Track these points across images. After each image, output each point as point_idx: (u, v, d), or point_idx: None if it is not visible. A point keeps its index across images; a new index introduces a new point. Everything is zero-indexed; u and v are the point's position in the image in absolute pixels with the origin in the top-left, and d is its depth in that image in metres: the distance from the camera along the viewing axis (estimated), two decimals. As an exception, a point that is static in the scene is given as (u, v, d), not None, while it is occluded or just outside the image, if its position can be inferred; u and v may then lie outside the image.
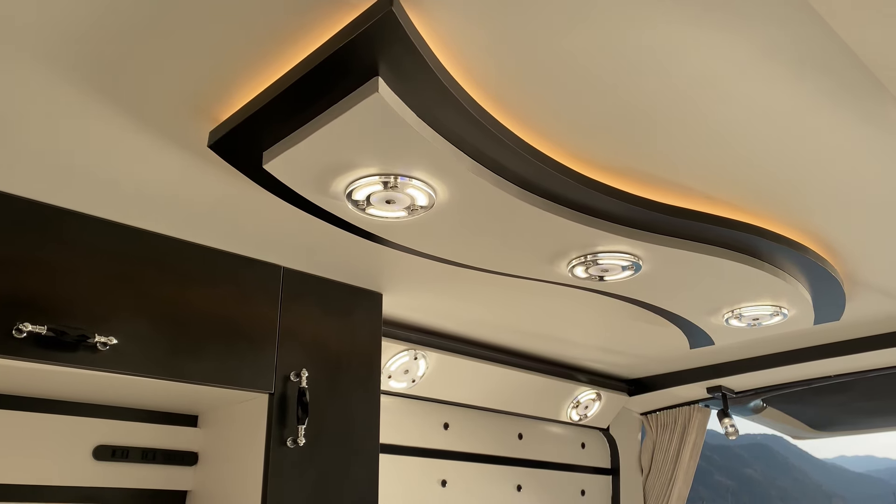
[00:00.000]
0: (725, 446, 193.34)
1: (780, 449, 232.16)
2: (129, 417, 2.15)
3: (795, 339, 2.94)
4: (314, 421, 2.06)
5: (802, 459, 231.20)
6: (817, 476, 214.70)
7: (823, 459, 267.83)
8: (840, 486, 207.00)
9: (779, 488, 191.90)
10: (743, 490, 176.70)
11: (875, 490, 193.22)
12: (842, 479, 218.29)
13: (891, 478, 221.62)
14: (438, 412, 3.11)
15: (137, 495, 2.10)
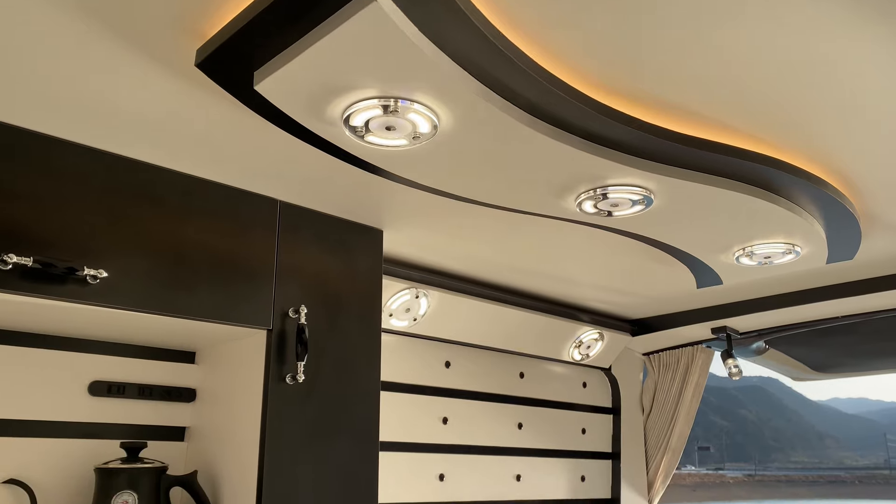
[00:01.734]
0: (721, 388, 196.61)
1: (774, 391, 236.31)
2: (125, 353, 2.11)
3: (805, 278, 2.88)
4: (313, 358, 2.02)
5: (797, 401, 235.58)
6: (811, 417, 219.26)
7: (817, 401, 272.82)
8: (832, 426, 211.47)
9: (772, 429, 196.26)
10: (737, 430, 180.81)
11: (866, 431, 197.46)
12: (834, 421, 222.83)
13: (882, 419, 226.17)
14: (440, 351, 3.08)
15: (134, 431, 2.08)
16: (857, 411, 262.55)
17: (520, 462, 3.33)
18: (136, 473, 1.85)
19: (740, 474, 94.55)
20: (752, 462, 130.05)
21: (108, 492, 1.81)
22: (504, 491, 3.22)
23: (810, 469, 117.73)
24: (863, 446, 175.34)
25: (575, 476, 3.57)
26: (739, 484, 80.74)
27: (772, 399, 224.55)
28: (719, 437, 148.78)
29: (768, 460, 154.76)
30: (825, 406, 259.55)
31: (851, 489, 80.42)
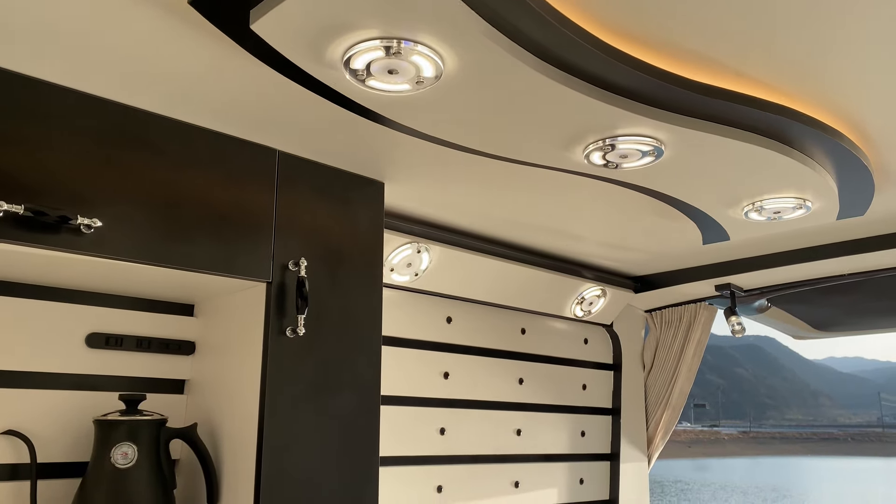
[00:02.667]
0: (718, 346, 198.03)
1: (771, 350, 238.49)
2: (122, 305, 2.08)
3: (813, 235, 2.84)
4: (314, 311, 1.99)
5: (792, 360, 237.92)
6: (806, 376, 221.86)
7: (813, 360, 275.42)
8: (827, 385, 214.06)
9: (767, 386, 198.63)
10: (733, 388, 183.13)
11: (861, 389, 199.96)
12: (829, 379, 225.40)
13: (877, 378, 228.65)
14: (441, 306, 3.05)
15: (133, 383, 2.06)
16: (852, 370, 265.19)
17: (520, 417, 3.33)
18: (136, 425, 1.84)
19: (735, 431, 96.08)
20: (747, 419, 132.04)
21: (107, 443, 1.80)
22: (504, 445, 3.24)
23: (804, 426, 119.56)
24: (856, 404, 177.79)
25: (575, 431, 3.59)
26: (734, 440, 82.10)
27: (768, 358, 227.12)
28: (715, 394, 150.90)
29: (763, 417, 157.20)
30: (820, 365, 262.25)
31: (844, 446, 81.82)
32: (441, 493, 2.93)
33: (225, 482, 1.92)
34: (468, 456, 3.09)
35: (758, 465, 53.61)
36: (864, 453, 71.54)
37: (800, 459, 62.39)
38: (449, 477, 2.98)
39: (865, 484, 37.74)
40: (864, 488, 34.94)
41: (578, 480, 3.57)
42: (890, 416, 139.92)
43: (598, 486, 3.68)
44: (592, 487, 3.64)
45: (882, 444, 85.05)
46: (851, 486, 36.26)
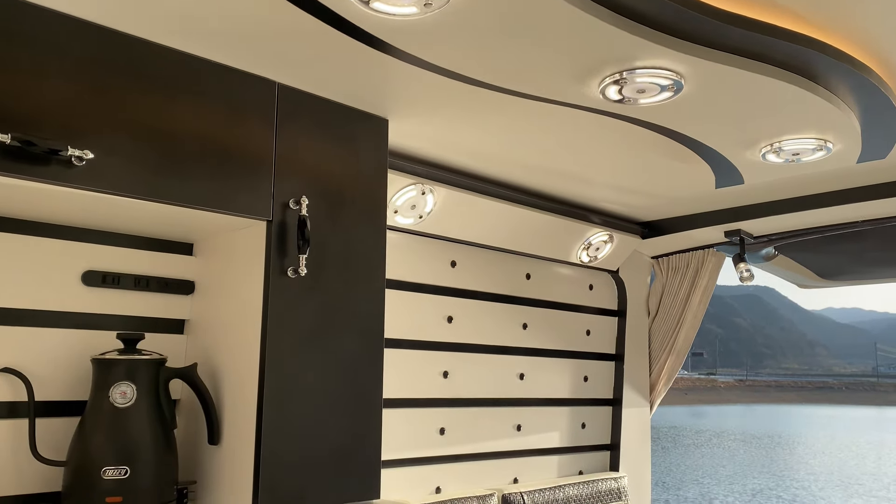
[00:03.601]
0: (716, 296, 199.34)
1: (770, 300, 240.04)
2: (119, 243, 2.02)
3: (829, 180, 2.76)
4: (316, 251, 1.93)
5: (791, 310, 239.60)
6: (803, 326, 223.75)
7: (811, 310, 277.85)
8: (824, 336, 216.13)
9: (765, 336, 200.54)
10: (731, 337, 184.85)
11: (857, 340, 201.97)
12: (827, 330, 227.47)
13: (874, 329, 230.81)
14: (446, 250, 3.00)
15: (131, 323, 2.01)
16: (849, 321, 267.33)
17: (523, 361, 3.31)
18: (134, 365, 1.80)
19: (731, 379, 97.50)
20: (744, 368, 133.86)
21: (105, 382, 1.77)
22: (507, 389, 3.23)
23: (800, 375, 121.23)
24: (852, 354, 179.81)
25: (578, 376, 3.58)
26: (730, 388, 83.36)
27: (766, 308, 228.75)
28: (713, 343, 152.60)
29: (759, 366, 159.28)
30: (818, 315, 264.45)
31: (839, 395, 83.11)
32: (443, 435, 2.93)
33: (226, 423, 1.89)
34: (471, 399, 3.08)
35: (753, 413, 54.55)
36: (858, 402, 72.68)
37: (794, 407, 63.41)
38: (451, 419, 2.97)
39: (857, 431, 38.46)
40: (855, 435, 35.63)
41: (580, 425, 3.58)
42: (885, 366, 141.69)
43: (599, 430, 3.69)
44: (594, 432, 3.65)
45: (876, 393, 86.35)
46: (843, 433, 36.95)
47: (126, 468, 1.70)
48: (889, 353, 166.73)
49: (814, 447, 28.83)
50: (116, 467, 1.69)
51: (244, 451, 1.80)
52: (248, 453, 1.79)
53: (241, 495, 1.79)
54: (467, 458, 3.04)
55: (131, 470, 1.70)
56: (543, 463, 3.38)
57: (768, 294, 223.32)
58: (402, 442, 2.78)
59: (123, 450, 1.72)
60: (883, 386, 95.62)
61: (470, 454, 3.05)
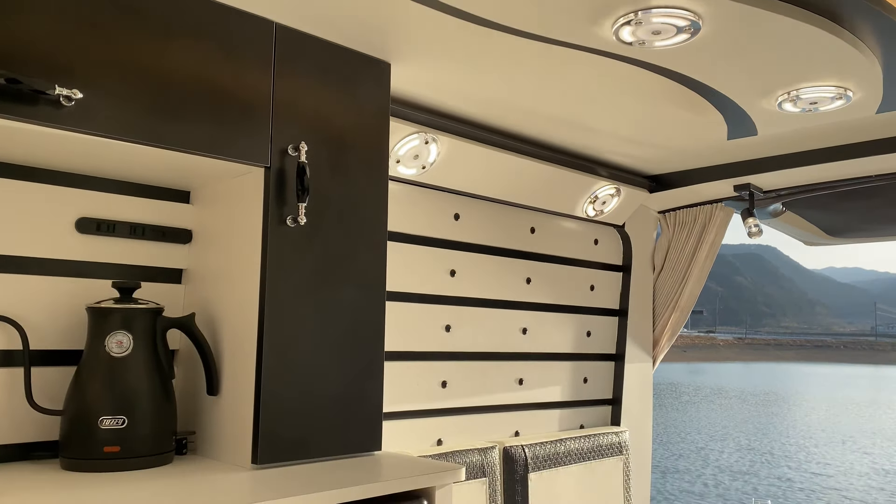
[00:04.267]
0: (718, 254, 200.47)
1: (771, 258, 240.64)
2: (114, 190, 1.96)
3: (845, 131, 2.68)
4: (315, 200, 1.87)
5: (792, 269, 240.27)
6: (804, 285, 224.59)
7: (812, 270, 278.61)
8: (824, 294, 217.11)
9: (766, 295, 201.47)
10: (731, 296, 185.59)
11: (857, 299, 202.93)
12: (827, 289, 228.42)
13: (874, 288, 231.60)
14: (449, 202, 2.94)
15: (127, 272, 1.97)
16: (850, 280, 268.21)
17: (526, 316, 3.28)
18: (130, 314, 1.76)
19: (730, 337, 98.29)
20: (743, 326, 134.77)
21: (101, 332, 1.73)
22: (509, 343, 3.20)
23: (798, 334, 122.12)
24: (852, 314, 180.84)
25: (581, 331, 3.55)
26: (729, 346, 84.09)
27: (767, 267, 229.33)
28: (713, 301, 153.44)
29: (759, 325, 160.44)
30: (819, 275, 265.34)
31: (837, 353, 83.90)
32: (445, 388, 2.91)
33: (225, 374, 1.86)
34: (473, 353, 3.06)
35: (750, 370, 55.11)
36: (856, 360, 73.38)
37: (792, 365, 64.02)
38: (453, 373, 2.95)
39: (853, 389, 38.90)
40: (851, 392, 36.05)
41: (582, 379, 3.56)
42: (884, 325, 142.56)
43: (601, 385, 3.68)
44: (596, 386, 3.64)
45: (874, 351, 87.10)
46: (839, 390, 37.38)
47: (123, 418, 1.67)
48: (888, 312, 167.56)
49: (809, 404, 29.16)
50: (113, 417, 1.66)
51: (244, 402, 1.77)
52: (247, 404, 1.76)
53: (240, 445, 1.76)
54: (469, 411, 3.04)
55: (129, 419, 1.67)
56: (545, 417, 3.37)
57: (770, 253, 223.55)
58: (404, 395, 2.77)
59: (120, 399, 1.69)
60: (881, 345, 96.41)
61: (471, 407, 3.05)
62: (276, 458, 1.75)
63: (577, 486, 3.22)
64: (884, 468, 15.17)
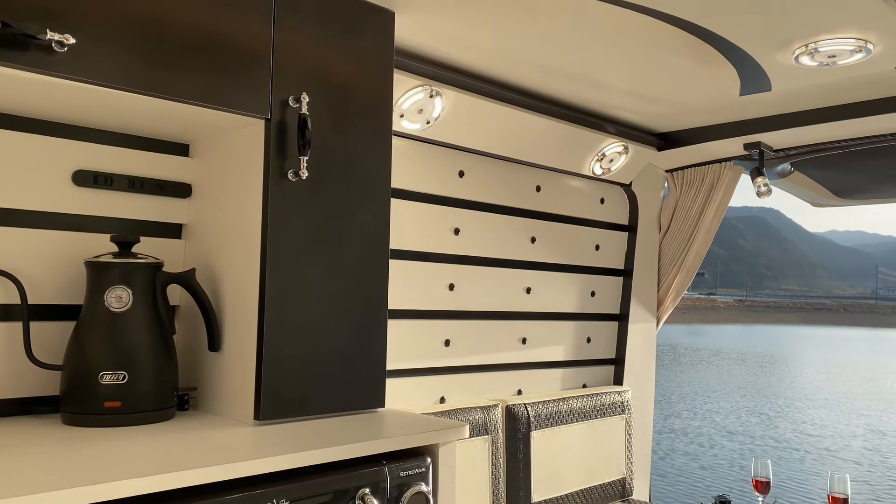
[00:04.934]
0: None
1: (773, 221, 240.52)
2: (111, 142, 1.91)
3: (861, 88, 2.60)
4: (317, 154, 1.82)
5: (794, 232, 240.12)
6: (806, 248, 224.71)
7: (814, 233, 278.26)
8: (826, 258, 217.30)
9: (767, 258, 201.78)
10: (733, 258, 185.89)
11: (859, 262, 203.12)
12: (829, 252, 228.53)
13: (876, 252, 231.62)
14: (453, 158, 2.88)
15: (126, 226, 1.93)
16: (852, 244, 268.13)
17: (531, 275, 3.25)
18: (129, 268, 1.73)
19: (731, 299, 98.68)
20: (744, 288, 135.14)
21: (100, 286, 1.70)
22: (513, 303, 3.18)
23: (799, 296, 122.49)
24: (853, 277, 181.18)
25: (585, 291, 3.53)
26: (729, 308, 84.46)
27: (770, 229, 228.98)
28: (715, 264, 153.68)
29: (759, 287, 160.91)
30: (821, 238, 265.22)
31: (836, 316, 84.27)
32: (449, 346, 2.90)
33: (226, 330, 1.83)
34: (477, 312, 3.04)
35: (750, 332, 55.43)
36: (855, 323, 73.73)
37: (791, 328, 64.36)
38: (457, 332, 2.94)
39: (851, 351, 39.16)
40: (848, 354, 36.30)
41: (586, 339, 3.55)
42: (884, 288, 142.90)
43: (604, 345, 3.67)
44: (599, 346, 3.64)
45: (873, 314, 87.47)
46: (838, 352, 37.63)
47: (124, 373, 1.65)
48: (889, 276, 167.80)
49: (807, 366, 29.37)
50: (114, 372, 1.64)
51: (245, 358, 1.75)
52: (249, 360, 1.74)
53: (242, 402, 1.75)
54: (472, 369, 3.03)
55: (129, 375, 1.65)
56: (547, 376, 3.37)
57: (772, 216, 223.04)
58: (407, 353, 2.76)
59: (120, 354, 1.66)
60: (881, 308, 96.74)
61: (475, 366, 3.04)
62: (279, 414, 1.73)
63: (578, 445, 3.23)
64: (878, 430, 15.33)
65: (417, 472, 1.66)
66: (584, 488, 3.23)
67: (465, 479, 2.74)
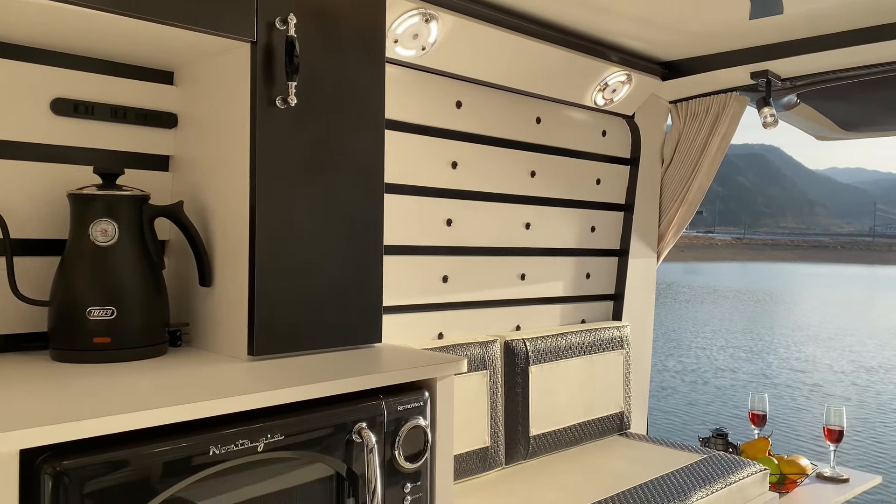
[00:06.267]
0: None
1: (774, 159, 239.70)
2: (91, 68, 1.81)
3: (877, 13, 2.49)
4: (307, 80, 1.73)
5: (794, 170, 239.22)
6: (805, 186, 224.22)
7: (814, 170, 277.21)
8: (825, 195, 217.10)
9: (766, 196, 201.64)
10: (732, 196, 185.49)
11: (857, 200, 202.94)
12: (828, 189, 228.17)
13: (875, 189, 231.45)
14: (450, 88, 2.78)
15: (110, 157, 1.85)
16: (851, 181, 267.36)
17: (530, 210, 3.19)
18: (114, 201, 1.66)
19: (729, 237, 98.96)
20: (742, 226, 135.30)
21: (84, 220, 1.63)
22: (512, 238, 3.13)
23: (796, 234, 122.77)
24: (851, 214, 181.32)
25: (585, 226, 3.47)
26: (727, 246, 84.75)
27: (770, 167, 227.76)
28: (713, 202, 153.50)
29: (757, 225, 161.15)
30: (821, 175, 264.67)
31: (833, 253, 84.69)
32: (446, 283, 2.86)
33: (217, 264, 1.78)
34: (475, 248, 2.99)
35: (747, 270, 55.75)
36: (852, 261, 74.12)
37: (788, 265, 64.72)
38: (455, 267, 2.89)
39: (846, 289, 39.49)
40: (844, 292, 36.63)
41: (585, 275, 3.52)
42: (882, 226, 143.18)
43: (604, 280, 3.64)
44: (598, 282, 3.60)
45: (870, 252, 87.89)
46: (833, 290, 37.95)
47: (112, 308, 1.60)
48: (888, 213, 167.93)
49: (801, 304, 29.64)
50: (102, 307, 1.60)
51: (237, 293, 1.71)
52: (241, 294, 1.69)
53: (235, 337, 1.71)
54: (470, 305, 3.00)
55: (118, 310, 1.61)
56: (546, 311, 3.35)
57: (773, 153, 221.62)
58: (405, 289, 2.72)
59: (108, 289, 1.61)
60: (878, 245, 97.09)
61: (473, 302, 3.01)
62: (273, 349, 1.70)
63: (577, 379, 3.23)
64: (866, 366, 15.55)
65: (415, 406, 1.63)
66: (583, 422, 3.24)
67: (464, 414, 2.74)
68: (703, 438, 3.76)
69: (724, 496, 2.78)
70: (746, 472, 2.94)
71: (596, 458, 3.10)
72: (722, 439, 3.68)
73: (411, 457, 1.61)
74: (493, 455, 2.83)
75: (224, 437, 1.30)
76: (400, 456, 1.59)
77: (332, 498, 1.49)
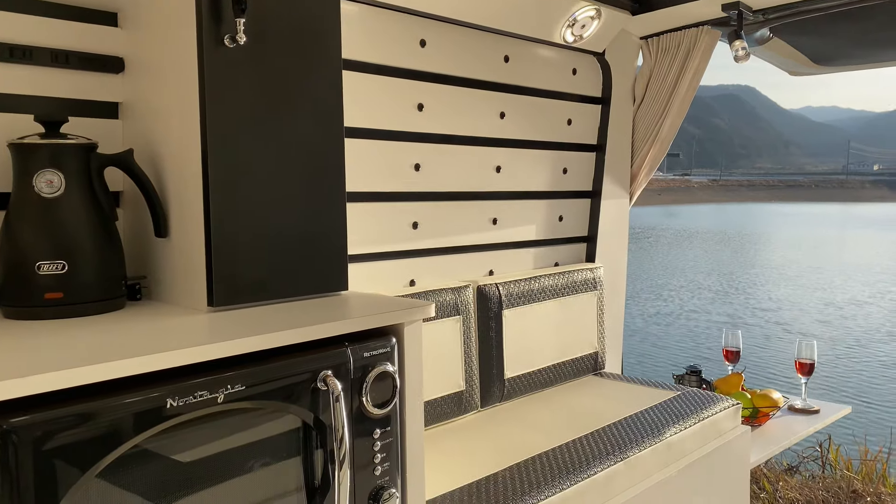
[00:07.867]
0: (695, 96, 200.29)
1: (749, 99, 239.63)
2: (28, 10, 1.71)
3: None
4: (256, 17, 1.64)
5: (769, 110, 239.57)
6: (780, 125, 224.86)
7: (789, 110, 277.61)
8: (800, 135, 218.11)
9: (742, 137, 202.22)
10: (707, 138, 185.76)
11: (831, 138, 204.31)
12: (802, 128, 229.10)
13: (849, 127, 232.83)
14: (414, 26, 2.68)
15: (54, 104, 1.76)
16: (825, 119, 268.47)
17: (500, 153, 3.13)
18: (59, 150, 1.58)
19: (705, 179, 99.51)
20: (718, 168, 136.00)
21: (28, 170, 1.56)
22: (483, 182, 3.08)
23: (772, 174, 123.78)
24: (825, 153, 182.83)
25: (557, 168, 3.42)
26: (703, 188, 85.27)
27: (745, 108, 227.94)
28: (690, 144, 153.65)
29: (734, 167, 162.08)
30: (796, 114, 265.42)
31: (808, 192, 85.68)
32: (416, 229, 2.82)
33: (173, 214, 1.72)
34: (445, 193, 2.94)
35: (722, 211, 56.27)
36: (825, 199, 75.09)
37: (763, 205, 65.43)
38: (424, 214, 2.85)
39: (818, 227, 40.12)
40: (816, 230, 37.22)
41: (557, 217, 3.49)
42: (856, 163, 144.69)
43: (577, 223, 3.61)
44: (571, 224, 3.58)
45: (844, 190, 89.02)
46: (805, 228, 38.54)
47: (62, 262, 1.54)
48: (861, 151, 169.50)
49: (772, 243, 30.06)
50: (52, 262, 1.53)
51: (194, 243, 1.65)
52: (198, 245, 1.64)
53: (195, 288, 1.66)
54: (441, 251, 2.96)
55: (69, 264, 1.54)
56: (519, 256, 3.32)
57: (748, 94, 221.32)
58: (374, 236, 2.67)
59: (57, 243, 1.55)
60: (851, 183, 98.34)
61: (444, 248, 2.97)
62: (234, 300, 1.65)
63: (551, 322, 3.23)
64: (833, 302, 15.88)
65: (382, 352, 1.60)
66: (557, 363, 3.26)
67: (438, 359, 2.74)
68: (678, 376, 3.81)
69: (698, 430, 2.82)
70: (719, 407, 2.99)
71: (571, 398, 3.13)
72: (696, 376, 3.73)
73: (381, 404, 1.59)
74: (468, 399, 2.84)
75: (181, 389, 1.26)
76: (368, 402, 1.57)
77: (301, 448, 1.47)
